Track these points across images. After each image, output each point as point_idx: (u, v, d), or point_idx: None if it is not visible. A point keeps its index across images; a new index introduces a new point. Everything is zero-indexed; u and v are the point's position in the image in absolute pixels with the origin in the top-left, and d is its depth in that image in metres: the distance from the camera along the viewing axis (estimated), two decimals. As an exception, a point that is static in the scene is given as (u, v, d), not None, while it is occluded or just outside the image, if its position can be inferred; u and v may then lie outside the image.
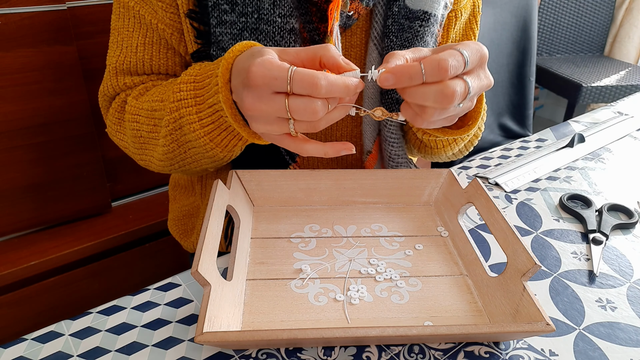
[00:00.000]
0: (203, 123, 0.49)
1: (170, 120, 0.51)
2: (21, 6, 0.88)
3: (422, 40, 0.59)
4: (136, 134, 0.57)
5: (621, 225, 0.62)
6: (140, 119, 0.56)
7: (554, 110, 2.76)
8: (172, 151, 0.54)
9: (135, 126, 0.57)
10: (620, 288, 0.52)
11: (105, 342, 0.44)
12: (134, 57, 0.59)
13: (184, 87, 0.50)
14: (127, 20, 0.59)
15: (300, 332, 0.39)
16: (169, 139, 0.53)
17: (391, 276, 0.50)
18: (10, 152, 0.96)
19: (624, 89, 2.02)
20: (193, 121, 0.49)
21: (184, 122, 0.50)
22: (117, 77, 0.60)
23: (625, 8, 2.33)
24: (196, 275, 0.40)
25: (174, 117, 0.51)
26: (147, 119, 0.55)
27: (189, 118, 0.50)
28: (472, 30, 0.68)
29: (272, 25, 0.54)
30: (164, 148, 0.55)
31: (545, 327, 0.40)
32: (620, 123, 0.92)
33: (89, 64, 1.01)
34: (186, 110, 0.49)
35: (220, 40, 0.55)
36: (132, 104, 0.57)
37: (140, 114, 0.56)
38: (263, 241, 0.55)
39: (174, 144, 0.53)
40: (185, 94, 0.50)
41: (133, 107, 0.57)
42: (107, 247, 1.07)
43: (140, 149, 0.59)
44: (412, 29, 0.58)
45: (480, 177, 0.73)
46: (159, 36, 0.58)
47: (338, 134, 0.66)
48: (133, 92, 0.59)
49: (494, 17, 1.24)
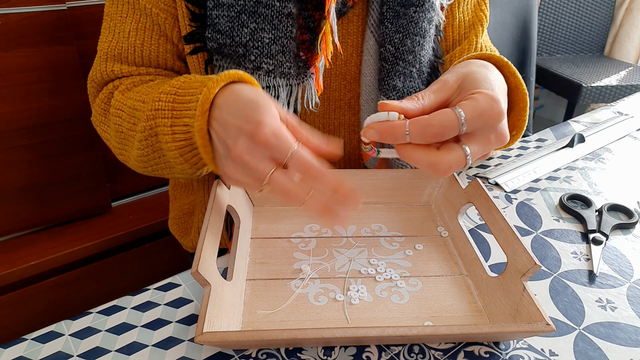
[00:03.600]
0: (175, 137, 0.48)
1: (147, 126, 0.50)
2: (21, 6, 0.88)
3: (417, 26, 0.59)
4: (118, 128, 0.56)
5: (621, 225, 0.62)
6: (123, 115, 0.55)
7: (554, 110, 2.76)
8: (146, 155, 0.54)
9: (118, 121, 0.56)
10: (620, 288, 0.52)
11: (105, 342, 0.44)
12: (126, 42, 0.58)
13: (164, 98, 0.49)
14: (121, 6, 0.58)
15: (300, 332, 0.39)
16: (144, 144, 0.52)
17: (391, 276, 0.50)
18: (10, 152, 0.96)
19: (624, 89, 2.02)
20: (167, 133, 0.48)
21: (159, 131, 0.50)
22: (106, 63, 0.60)
23: (625, 8, 2.33)
24: (196, 275, 0.40)
25: (150, 124, 0.50)
26: (129, 117, 0.54)
27: (163, 129, 0.49)
28: (483, 12, 0.66)
29: (270, 9, 0.54)
30: (139, 151, 0.54)
31: (545, 327, 0.40)
32: (620, 123, 0.92)
33: (89, 64, 1.00)
34: (162, 120, 0.49)
35: (217, 23, 0.55)
36: (118, 97, 0.56)
37: (124, 110, 0.55)
38: (263, 241, 0.55)
39: (148, 148, 0.53)
40: (164, 105, 0.48)
41: (118, 101, 0.56)
42: (107, 247, 1.07)
43: (121, 143, 0.58)
44: (407, 15, 0.58)
45: (480, 177, 0.73)
46: (152, 22, 0.58)
47: (336, 122, 0.66)
48: (121, 86, 0.58)
49: (494, 17, 1.24)
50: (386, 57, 0.60)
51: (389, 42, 0.59)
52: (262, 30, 0.54)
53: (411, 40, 0.59)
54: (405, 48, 0.59)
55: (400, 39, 0.59)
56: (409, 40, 0.59)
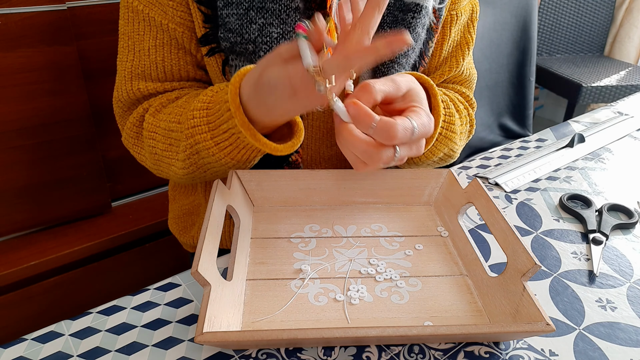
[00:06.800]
0: (221, 147, 0.51)
1: (187, 145, 0.53)
2: (21, 6, 0.88)
3: (414, 32, 0.60)
4: (152, 150, 0.59)
5: (621, 225, 0.62)
6: (157, 137, 0.58)
7: (554, 110, 2.76)
8: (191, 172, 0.57)
9: (152, 143, 0.58)
10: (620, 288, 0.52)
11: (105, 342, 0.44)
12: (147, 59, 0.59)
13: (197, 114, 0.51)
14: (137, 24, 0.59)
15: (300, 332, 0.39)
16: (188, 163, 0.55)
17: (391, 276, 0.50)
18: (10, 152, 0.96)
19: (624, 89, 2.02)
20: (210, 146, 0.51)
21: (200, 148, 0.52)
22: (131, 82, 0.60)
23: (625, 8, 2.33)
24: (196, 275, 0.40)
25: (190, 142, 0.52)
26: (164, 138, 0.57)
27: (205, 144, 0.51)
28: (470, 34, 0.69)
29: (278, 3, 0.55)
30: (183, 170, 0.57)
31: (545, 327, 0.40)
32: (620, 123, 0.92)
33: (89, 64, 1.01)
34: (201, 136, 0.51)
35: (227, 22, 0.55)
36: (150, 121, 0.58)
37: (157, 132, 0.57)
38: (263, 241, 0.55)
39: (192, 166, 0.56)
40: (199, 121, 0.51)
41: (150, 124, 0.58)
42: (107, 247, 1.07)
43: (156, 164, 0.60)
44: (405, 21, 0.60)
45: (480, 177, 0.73)
46: (170, 36, 0.59)
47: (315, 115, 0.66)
48: (150, 109, 0.59)
49: (494, 17, 1.23)
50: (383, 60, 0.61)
51: None
52: (271, 25, 0.55)
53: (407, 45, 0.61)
54: (402, 53, 0.61)
55: None
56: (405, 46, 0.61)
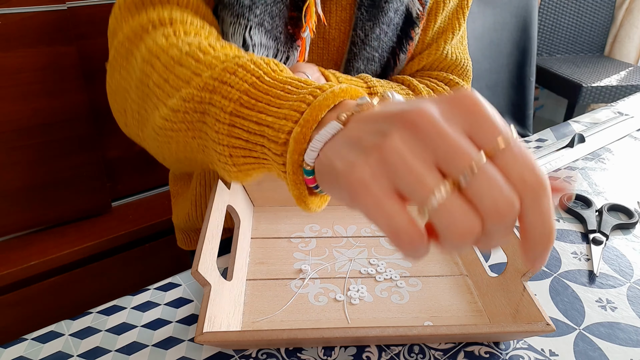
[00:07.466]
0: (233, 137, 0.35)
1: (196, 97, 0.37)
2: (21, 6, 0.88)
3: (385, 16, 0.61)
4: (143, 80, 0.43)
5: (621, 225, 0.62)
6: (157, 65, 0.42)
7: (554, 110, 2.76)
8: (175, 130, 0.40)
9: (148, 70, 0.42)
10: (620, 288, 0.52)
11: (105, 342, 0.44)
12: None
13: (241, 74, 0.35)
14: None
15: (300, 332, 0.39)
16: (180, 117, 0.39)
17: (391, 276, 0.50)
18: (10, 152, 0.96)
19: (624, 89, 2.01)
20: (222, 121, 0.35)
21: (211, 111, 0.36)
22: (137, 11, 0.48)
23: (625, 8, 2.33)
24: (196, 275, 0.40)
25: (202, 96, 0.36)
26: (164, 69, 0.41)
27: (220, 116, 0.35)
28: (459, 21, 0.68)
29: None
30: (166, 123, 0.41)
31: (545, 327, 0.40)
32: (620, 123, 0.92)
33: (89, 64, 1.01)
34: (221, 102, 0.35)
35: None
36: (159, 41, 0.43)
37: (160, 58, 0.42)
38: (263, 241, 0.55)
39: (183, 123, 0.39)
40: (237, 83, 0.34)
41: (158, 45, 0.43)
42: (107, 247, 1.07)
43: (142, 99, 0.44)
44: (379, 6, 0.61)
45: (480, 177, 0.73)
46: None
47: None
48: (166, 29, 0.44)
49: (494, 17, 1.24)
50: (355, 41, 0.62)
51: (360, 28, 0.62)
52: None
53: (379, 28, 0.62)
54: (374, 35, 0.62)
55: (370, 26, 0.62)
56: (377, 29, 0.62)
